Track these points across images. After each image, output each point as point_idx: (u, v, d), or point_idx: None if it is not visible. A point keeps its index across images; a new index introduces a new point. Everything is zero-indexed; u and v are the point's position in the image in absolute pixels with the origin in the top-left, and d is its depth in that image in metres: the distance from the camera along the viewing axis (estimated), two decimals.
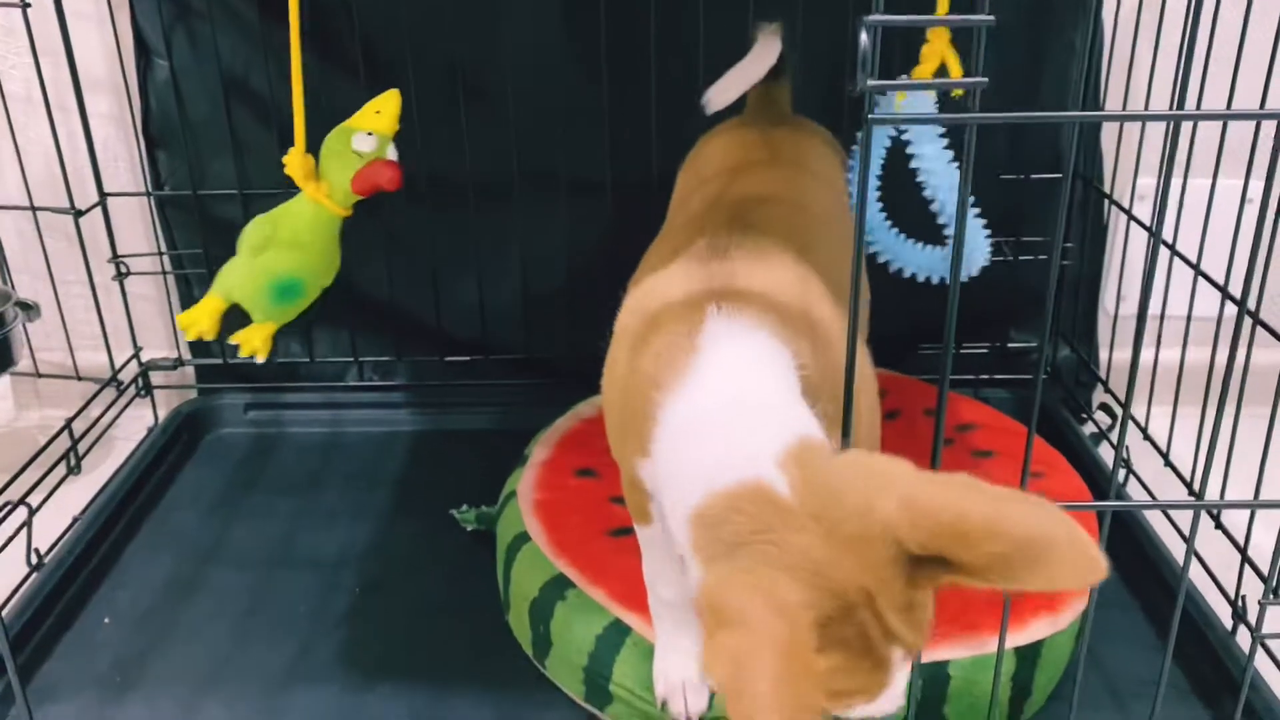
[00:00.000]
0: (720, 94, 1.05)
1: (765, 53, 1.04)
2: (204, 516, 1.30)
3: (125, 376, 1.44)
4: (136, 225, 1.44)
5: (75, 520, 1.23)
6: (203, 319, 1.10)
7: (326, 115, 1.15)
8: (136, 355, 1.46)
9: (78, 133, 1.34)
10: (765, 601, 0.56)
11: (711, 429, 0.67)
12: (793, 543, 0.59)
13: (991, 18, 0.57)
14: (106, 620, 1.13)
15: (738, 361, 0.70)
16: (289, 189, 1.37)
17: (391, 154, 1.12)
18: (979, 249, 1.09)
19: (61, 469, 1.27)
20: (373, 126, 1.11)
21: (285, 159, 1.10)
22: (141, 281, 1.45)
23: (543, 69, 1.34)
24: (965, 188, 0.64)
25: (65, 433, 1.28)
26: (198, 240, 1.42)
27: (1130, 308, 1.31)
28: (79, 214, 1.32)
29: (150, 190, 1.41)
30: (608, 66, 1.33)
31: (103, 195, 1.37)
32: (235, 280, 1.11)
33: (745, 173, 0.93)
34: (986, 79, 0.60)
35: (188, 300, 1.47)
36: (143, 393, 1.46)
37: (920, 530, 0.57)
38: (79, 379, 1.43)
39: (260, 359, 1.14)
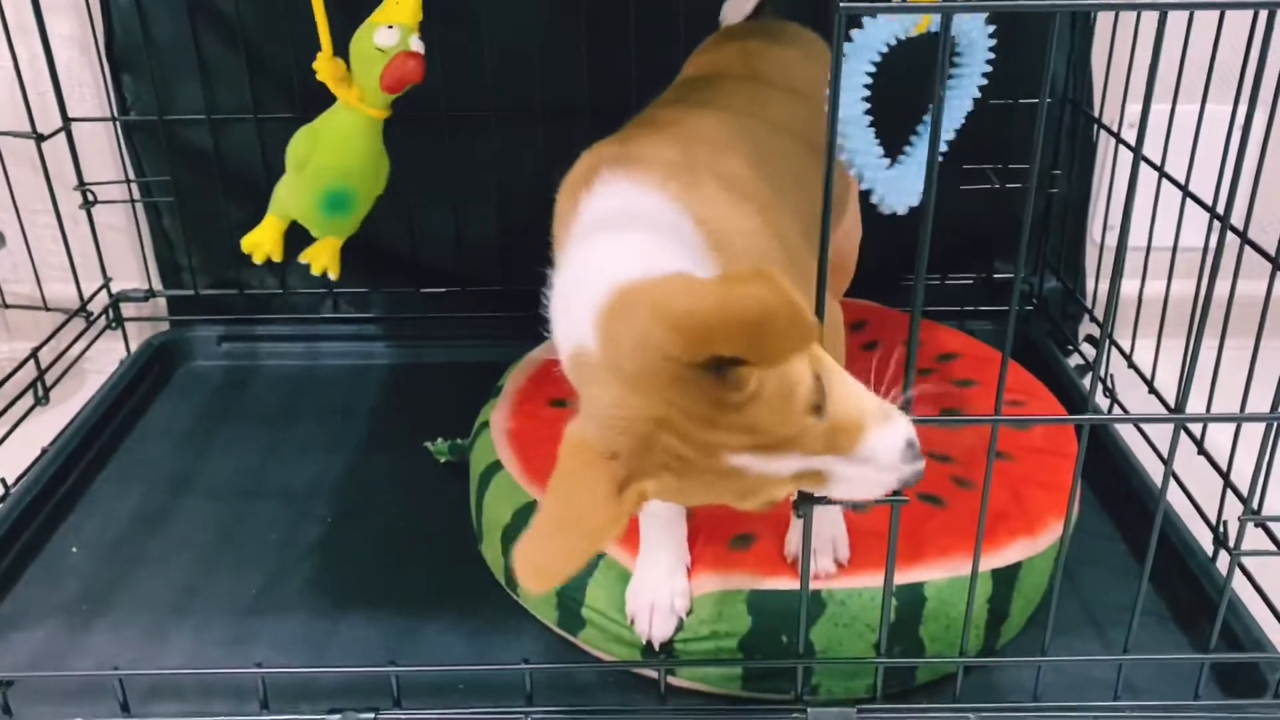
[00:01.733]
0: (731, 12, 1.08)
1: None
2: (175, 448, 1.28)
3: (95, 308, 1.41)
4: (104, 152, 1.40)
5: (44, 451, 1.21)
6: (266, 240, 1.09)
7: (293, 35, 1.11)
8: (106, 286, 1.43)
9: (39, 55, 1.30)
10: (573, 452, 0.64)
11: (570, 293, 0.71)
12: (593, 395, 0.64)
13: None
14: (74, 549, 1.11)
15: (607, 215, 0.74)
16: (259, 113, 1.35)
17: (415, 45, 1.06)
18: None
19: (29, 400, 1.25)
20: (393, 18, 1.05)
21: (315, 65, 1.06)
22: (110, 210, 1.41)
23: None
24: (941, 87, 0.61)
25: (32, 363, 1.26)
26: (166, 167, 1.39)
27: (1117, 236, 1.28)
28: (41, 139, 1.29)
29: (115, 115, 1.37)
30: None
31: (66, 120, 1.34)
32: (287, 196, 1.09)
33: (707, 81, 0.91)
34: None
35: (157, 230, 1.44)
36: (114, 325, 1.44)
37: (680, 345, 0.59)
38: (47, 310, 1.40)
39: (333, 275, 1.12)
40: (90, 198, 1.36)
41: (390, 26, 1.04)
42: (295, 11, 1.22)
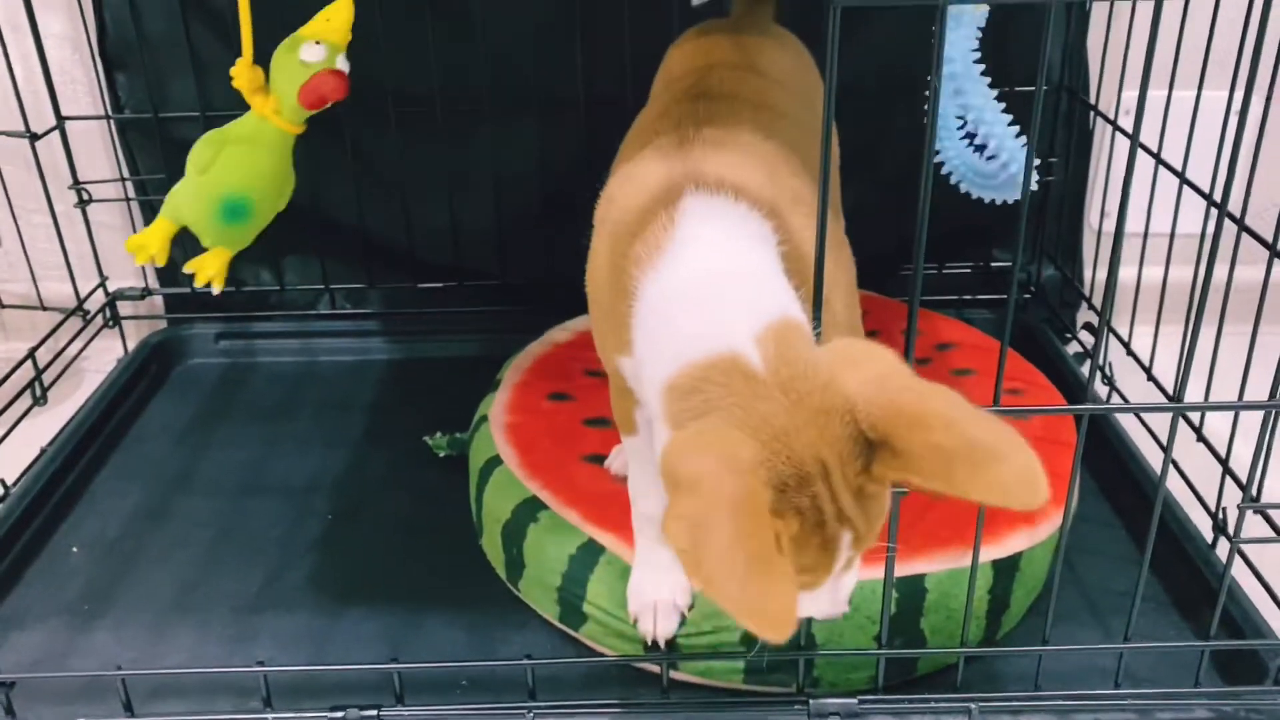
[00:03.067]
0: None
1: None
2: (174, 446, 1.28)
3: (92, 306, 1.41)
4: (98, 151, 1.40)
5: (43, 451, 1.21)
6: (152, 242, 1.05)
7: (282, 28, 1.10)
8: (103, 284, 1.43)
9: (32, 54, 1.30)
10: (719, 459, 0.56)
11: (689, 302, 0.66)
12: (756, 409, 0.59)
13: None
14: (74, 549, 1.11)
15: (717, 235, 0.69)
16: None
17: (341, 64, 1.05)
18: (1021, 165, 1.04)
19: (26, 400, 1.24)
20: (321, 35, 1.04)
21: (232, 71, 1.04)
22: (105, 209, 1.41)
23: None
24: (937, 75, 0.61)
25: (30, 363, 1.25)
26: (161, 165, 1.38)
27: (1115, 223, 1.28)
28: (35, 137, 1.28)
29: (109, 113, 1.37)
30: None
31: (60, 119, 1.33)
32: (182, 200, 1.06)
33: (711, 72, 0.91)
34: None
35: None
36: (111, 323, 1.43)
37: (875, 407, 0.57)
38: (44, 309, 1.40)
39: (216, 289, 1.09)
40: (85, 196, 1.36)
41: (318, 43, 1.04)
42: (287, 6, 1.22)
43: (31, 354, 1.26)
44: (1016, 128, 0.95)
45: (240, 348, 1.46)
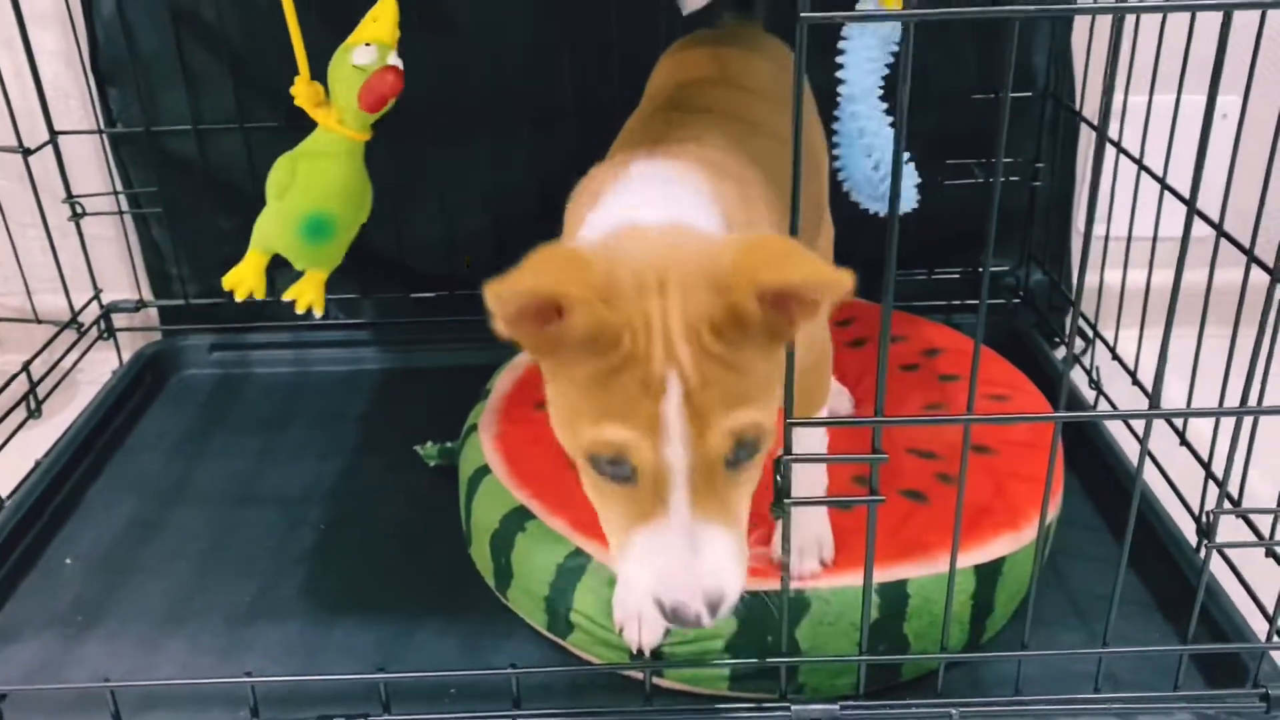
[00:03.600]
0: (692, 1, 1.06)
1: None
2: (168, 457, 1.29)
3: (86, 319, 1.42)
4: (91, 164, 1.41)
5: (37, 464, 1.22)
6: (248, 276, 1.05)
7: (278, 44, 1.11)
8: (97, 297, 1.44)
9: (25, 69, 1.31)
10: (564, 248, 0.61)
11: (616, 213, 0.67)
12: (627, 238, 0.62)
13: None
14: (68, 561, 1.12)
15: (654, 185, 0.70)
16: (243, 123, 1.36)
17: (394, 61, 1.03)
18: (909, 191, 1.06)
19: (21, 412, 1.25)
20: (370, 36, 1.03)
21: (292, 90, 1.04)
22: (99, 222, 1.42)
23: None
24: (904, 95, 0.62)
25: (24, 376, 1.26)
26: (153, 178, 1.39)
27: (1103, 228, 1.29)
28: (28, 153, 1.29)
29: (102, 128, 1.38)
30: None
31: (53, 134, 1.34)
32: (268, 228, 1.05)
33: (690, 86, 0.92)
34: None
35: (146, 240, 1.45)
36: (105, 335, 1.45)
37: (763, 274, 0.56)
38: (39, 322, 1.41)
39: (318, 312, 1.09)
40: (79, 210, 1.37)
41: (368, 45, 1.02)
42: (278, 20, 1.23)
43: (26, 367, 1.27)
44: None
45: (234, 359, 1.47)
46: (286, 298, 1.08)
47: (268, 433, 1.32)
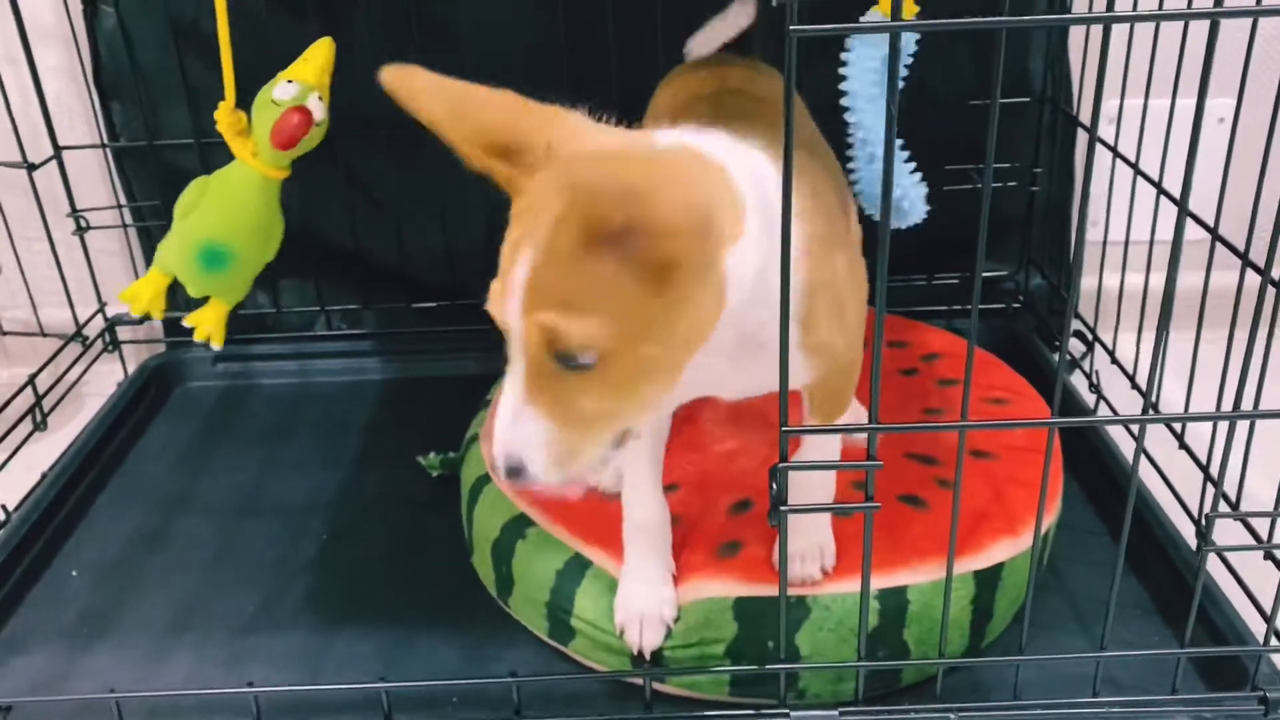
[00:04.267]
0: (699, 46, 1.09)
1: (741, 14, 1.07)
2: (172, 469, 1.29)
3: (91, 332, 1.43)
4: (95, 179, 1.42)
5: (43, 476, 1.22)
6: (144, 292, 1.05)
7: (277, 61, 1.12)
8: (101, 310, 1.45)
9: (29, 86, 1.32)
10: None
11: None
12: None
13: None
14: (74, 573, 1.13)
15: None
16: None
17: (313, 104, 1.02)
18: (918, 202, 1.07)
19: (27, 425, 1.26)
20: (296, 74, 1.03)
21: (215, 114, 1.03)
22: (103, 235, 1.43)
23: (499, 6, 1.32)
24: (893, 102, 0.62)
25: (30, 389, 1.27)
26: (157, 192, 1.40)
27: (1100, 233, 1.29)
28: (32, 168, 1.30)
29: (105, 142, 1.39)
30: (564, 1, 1.31)
31: (57, 149, 1.36)
32: (167, 248, 1.05)
33: (705, 99, 0.93)
34: None
35: (150, 253, 1.45)
36: (110, 348, 1.46)
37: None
38: (44, 335, 1.42)
39: (215, 344, 1.07)
40: (83, 224, 1.38)
41: (290, 81, 1.01)
42: (279, 34, 1.24)
43: (32, 380, 1.28)
44: (906, 154, 0.97)
45: (238, 370, 1.48)
46: (187, 323, 1.07)
47: (271, 443, 1.33)
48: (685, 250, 0.60)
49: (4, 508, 1.14)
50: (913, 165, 0.98)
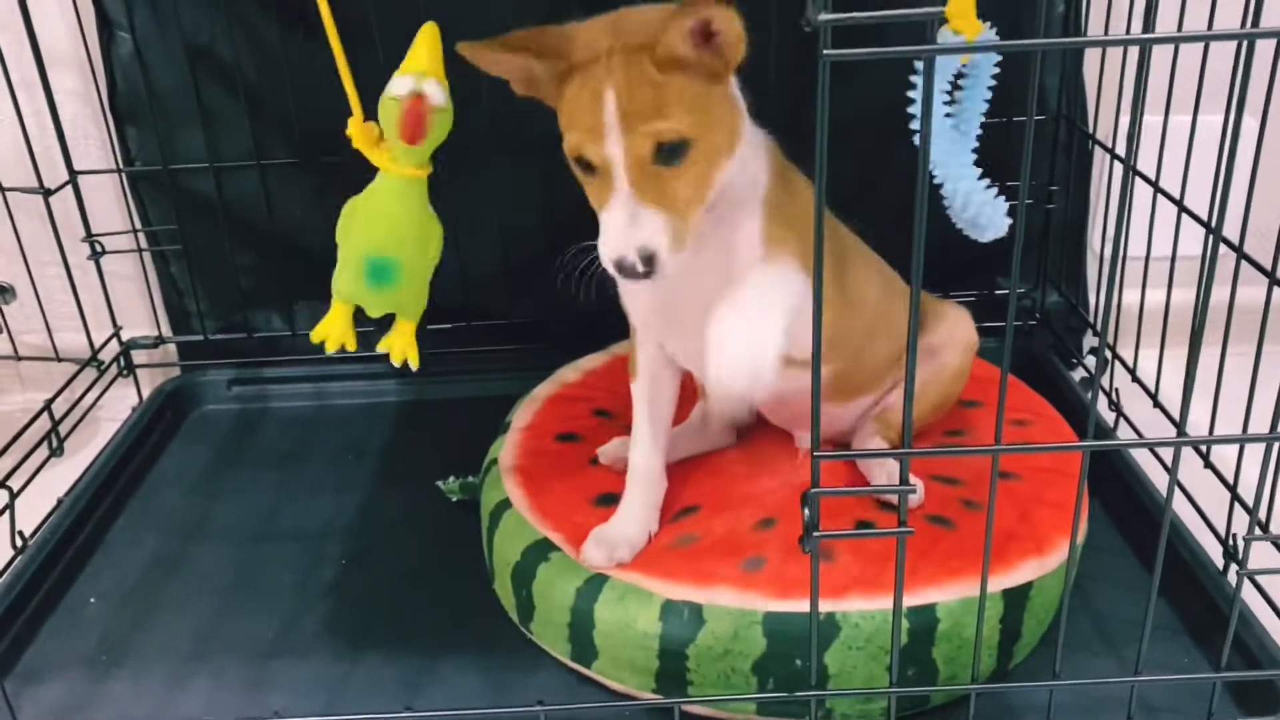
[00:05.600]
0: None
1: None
2: (189, 493, 1.29)
3: (106, 356, 1.43)
4: (110, 203, 1.42)
5: (60, 502, 1.22)
6: (334, 328, 1.01)
7: (294, 86, 1.12)
8: (117, 334, 1.45)
9: (44, 111, 1.32)
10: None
11: None
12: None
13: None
14: (92, 600, 1.12)
15: None
16: (260, 160, 1.37)
17: (430, 89, 0.99)
18: (995, 218, 1.05)
19: (43, 451, 1.26)
20: (406, 67, 1.00)
21: (348, 131, 1.00)
22: (118, 260, 1.43)
23: (513, 26, 1.32)
24: (927, 123, 0.62)
25: (46, 415, 1.27)
26: (172, 215, 1.40)
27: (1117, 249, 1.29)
28: (49, 193, 1.30)
29: (121, 167, 1.39)
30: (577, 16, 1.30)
31: (73, 174, 1.36)
32: (337, 276, 1.02)
33: None
34: (941, 9, 0.58)
35: (165, 277, 1.46)
36: (125, 372, 1.45)
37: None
38: (59, 360, 1.42)
39: (414, 364, 1.04)
40: (98, 248, 1.38)
41: (403, 75, 0.99)
42: (294, 57, 1.24)
43: (48, 405, 1.28)
44: (979, 171, 0.97)
45: (253, 393, 1.48)
46: (380, 349, 1.03)
47: (288, 467, 1.33)
48: (736, 55, 0.79)
49: (21, 534, 1.14)
50: (987, 181, 0.98)
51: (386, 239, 1.00)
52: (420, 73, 0.99)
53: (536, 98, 0.86)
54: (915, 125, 0.98)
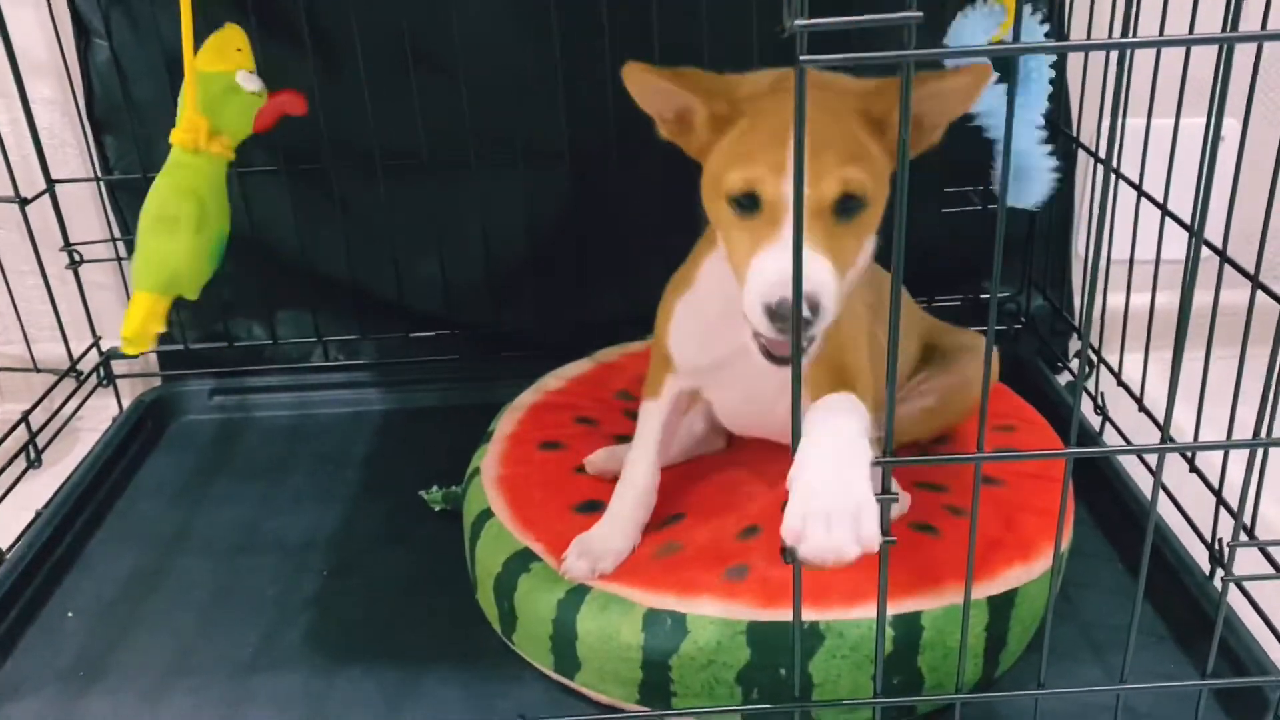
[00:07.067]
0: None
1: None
2: (169, 505, 1.27)
3: (85, 366, 1.41)
4: (88, 212, 1.41)
5: (38, 514, 1.20)
6: (152, 325, 1.07)
7: (271, 89, 1.11)
8: (96, 344, 1.44)
9: (21, 119, 1.31)
10: None
11: None
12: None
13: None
14: (70, 614, 1.11)
15: None
16: (238, 168, 1.35)
17: (255, 84, 1.11)
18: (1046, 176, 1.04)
19: (20, 463, 1.25)
20: (244, 65, 1.10)
21: (179, 129, 1.07)
22: (97, 269, 1.42)
23: (493, 35, 1.31)
24: (905, 128, 0.61)
25: (23, 426, 1.26)
26: None
27: (1101, 254, 1.28)
28: (25, 202, 1.29)
29: (99, 175, 1.38)
30: (559, 28, 1.30)
31: (50, 182, 1.34)
32: (184, 266, 1.06)
33: None
34: (920, 14, 0.57)
35: None
36: (105, 382, 1.44)
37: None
38: (37, 370, 1.40)
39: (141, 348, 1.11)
40: (77, 258, 1.36)
41: (250, 73, 1.09)
42: (273, 66, 1.23)
43: (25, 417, 1.26)
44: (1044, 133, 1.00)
45: (235, 403, 1.46)
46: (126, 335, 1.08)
47: (270, 478, 1.31)
48: (930, 143, 0.79)
49: None
50: (1049, 147, 1.00)
51: (223, 220, 1.10)
52: (249, 71, 1.10)
53: (678, 143, 0.84)
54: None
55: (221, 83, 1.07)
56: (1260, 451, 0.78)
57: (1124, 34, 0.62)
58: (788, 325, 0.70)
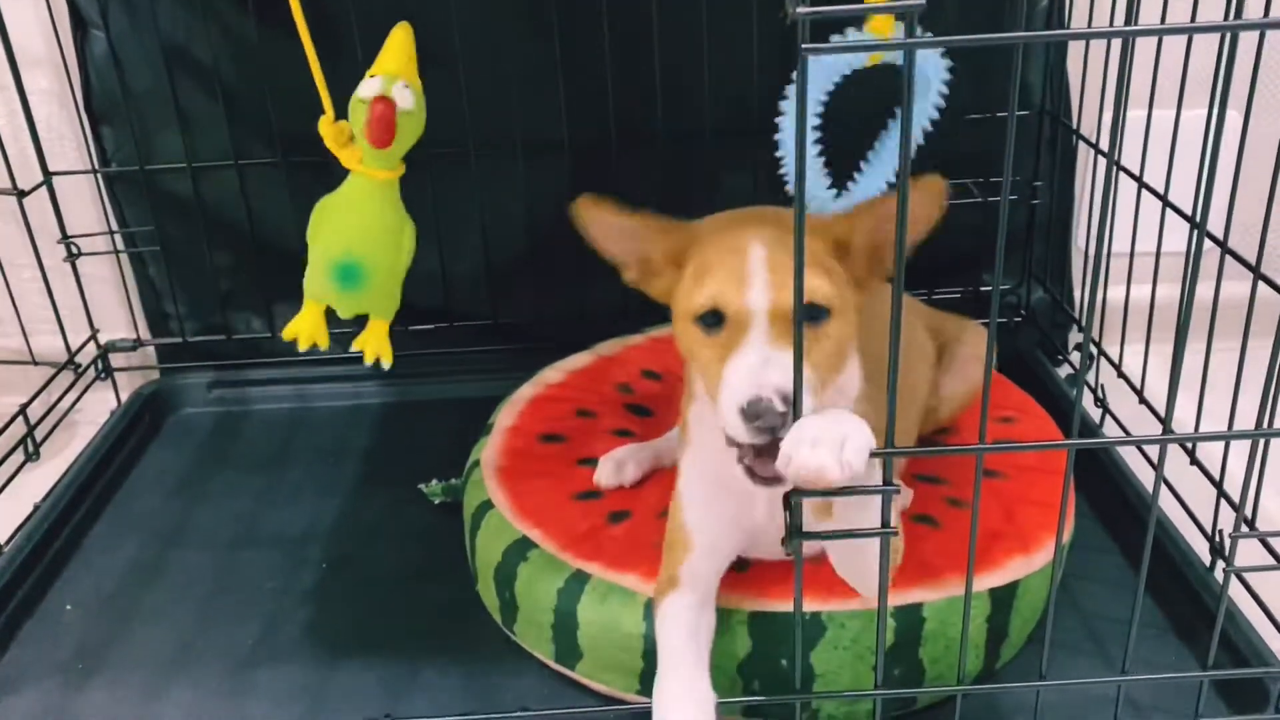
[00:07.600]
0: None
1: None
2: (168, 498, 1.27)
3: (84, 359, 1.41)
4: (86, 204, 1.40)
5: (36, 507, 1.20)
6: (305, 326, 1.00)
7: (272, 84, 1.11)
8: (94, 337, 1.43)
9: (18, 111, 1.30)
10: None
11: None
12: None
13: None
14: (69, 607, 1.11)
15: None
16: (239, 160, 1.35)
17: (398, 92, 0.96)
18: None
19: (19, 456, 1.24)
20: (378, 68, 0.98)
21: (319, 129, 0.98)
22: (95, 262, 1.41)
23: (492, 27, 1.31)
24: (908, 123, 0.61)
25: (21, 419, 1.25)
26: (149, 216, 1.39)
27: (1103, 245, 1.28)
28: (22, 194, 1.29)
29: (97, 167, 1.37)
30: (558, 21, 1.30)
31: (47, 175, 1.34)
32: (307, 277, 1.01)
33: None
34: (923, 2, 0.57)
35: (143, 279, 1.44)
36: (103, 375, 1.44)
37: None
38: (35, 363, 1.40)
39: (386, 363, 1.04)
40: (74, 250, 1.36)
41: (372, 76, 0.97)
42: (272, 56, 1.23)
43: (23, 409, 1.26)
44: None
45: (233, 396, 1.46)
46: (355, 348, 1.04)
47: (268, 471, 1.31)
48: (886, 263, 0.79)
49: None
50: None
51: (355, 241, 0.99)
52: (390, 75, 0.97)
53: (645, 289, 0.85)
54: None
55: (359, 89, 0.98)
56: (1261, 443, 0.78)
57: (1126, 22, 0.62)
58: (764, 426, 0.69)
